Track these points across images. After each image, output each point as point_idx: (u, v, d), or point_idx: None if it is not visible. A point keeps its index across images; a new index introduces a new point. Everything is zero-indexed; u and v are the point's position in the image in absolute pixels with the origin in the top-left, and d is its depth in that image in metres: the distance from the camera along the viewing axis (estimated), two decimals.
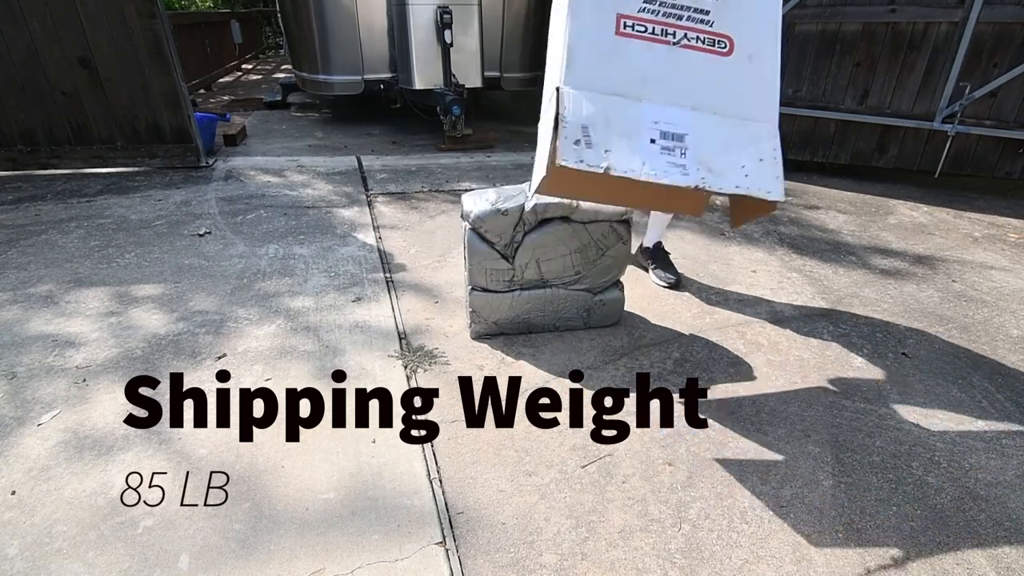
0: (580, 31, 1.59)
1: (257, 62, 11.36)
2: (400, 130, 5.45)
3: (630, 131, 1.61)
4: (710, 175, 1.62)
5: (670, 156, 1.61)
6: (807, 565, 1.32)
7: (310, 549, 1.32)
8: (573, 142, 1.56)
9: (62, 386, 1.84)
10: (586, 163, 1.56)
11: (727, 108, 1.68)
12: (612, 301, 2.19)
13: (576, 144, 1.56)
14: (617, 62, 1.61)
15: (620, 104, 1.62)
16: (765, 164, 1.66)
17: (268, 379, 1.89)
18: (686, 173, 1.61)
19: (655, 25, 1.62)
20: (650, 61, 1.62)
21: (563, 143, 1.55)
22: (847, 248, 3.01)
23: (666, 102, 1.65)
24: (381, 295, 2.43)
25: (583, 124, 1.58)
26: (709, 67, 1.65)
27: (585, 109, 1.60)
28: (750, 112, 1.69)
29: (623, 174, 1.56)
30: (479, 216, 1.94)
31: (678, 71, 1.64)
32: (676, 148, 1.62)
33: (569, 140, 1.56)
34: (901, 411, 1.82)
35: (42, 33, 3.51)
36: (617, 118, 1.61)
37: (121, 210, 3.27)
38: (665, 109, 1.64)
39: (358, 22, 4.85)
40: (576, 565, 1.31)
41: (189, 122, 3.94)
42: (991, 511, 1.47)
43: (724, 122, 1.67)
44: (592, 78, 1.61)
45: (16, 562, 1.28)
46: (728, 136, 1.66)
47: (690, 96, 1.66)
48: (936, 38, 3.57)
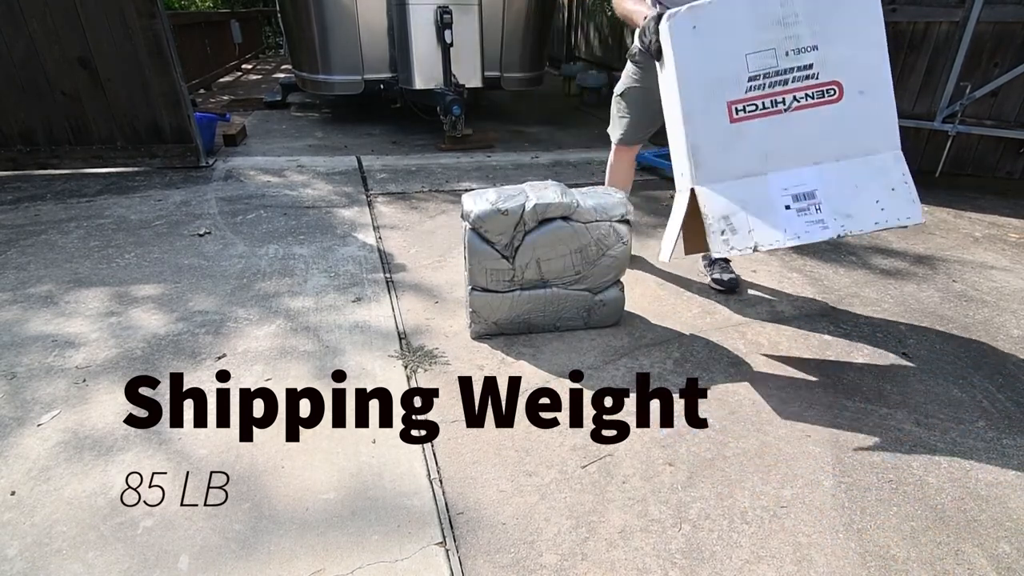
0: (697, 131, 1.67)
1: (257, 62, 11.36)
2: (400, 130, 5.45)
3: (765, 206, 1.70)
4: (849, 220, 1.70)
5: (807, 216, 1.70)
6: (807, 565, 1.32)
7: (310, 549, 1.32)
8: (720, 234, 1.70)
9: (62, 386, 1.84)
10: (736, 248, 1.70)
11: (848, 150, 1.72)
12: (612, 301, 2.19)
13: (723, 235, 1.70)
14: (738, 147, 1.69)
15: (750, 184, 1.70)
16: (898, 192, 1.71)
17: (268, 379, 1.89)
18: (825, 227, 1.70)
19: (764, 99, 1.68)
20: (767, 135, 1.68)
21: (713, 239, 1.69)
22: (847, 248, 3.00)
23: (790, 167, 1.71)
24: (381, 295, 2.43)
25: (723, 215, 1.70)
26: (823, 118, 1.69)
27: (722, 202, 1.70)
28: (871, 145, 1.73)
29: (770, 247, 1.69)
30: (479, 216, 1.94)
31: (795, 134, 1.69)
32: (810, 206, 1.70)
33: (716, 234, 1.69)
34: (901, 411, 1.82)
35: (42, 33, 3.51)
36: (751, 198, 1.70)
37: (121, 210, 3.27)
38: (790, 173, 1.71)
39: (358, 22, 4.85)
40: (576, 565, 1.31)
41: (189, 122, 3.94)
42: (992, 511, 1.47)
43: (848, 165, 1.72)
44: (720, 169, 1.70)
45: (16, 562, 1.28)
46: (855, 177, 1.71)
47: (811, 153, 1.71)
48: (936, 38, 3.57)
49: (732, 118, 1.67)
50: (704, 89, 1.66)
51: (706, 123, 1.68)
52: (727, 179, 1.71)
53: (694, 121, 1.67)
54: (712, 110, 1.67)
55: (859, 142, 1.72)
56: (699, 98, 1.66)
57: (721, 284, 2.52)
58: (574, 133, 5.52)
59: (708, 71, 1.65)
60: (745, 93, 1.66)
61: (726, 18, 1.63)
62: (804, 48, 1.64)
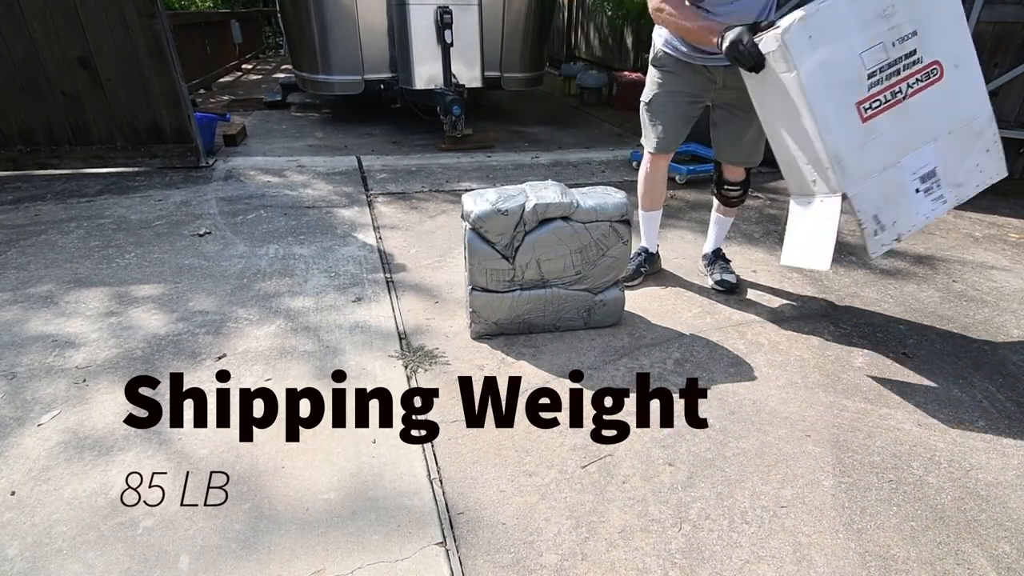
0: (837, 138, 1.72)
1: (257, 62, 11.36)
2: (400, 130, 5.45)
3: (902, 194, 1.79)
4: (959, 190, 1.83)
5: (931, 195, 1.82)
6: (808, 565, 1.32)
7: (310, 549, 1.32)
8: (874, 235, 1.79)
9: (62, 386, 1.84)
10: (886, 245, 1.80)
11: (955, 121, 1.82)
12: (612, 301, 2.19)
13: (876, 235, 1.79)
14: (873, 144, 1.74)
15: (888, 176, 1.78)
16: (991, 153, 1.86)
17: (268, 379, 1.89)
18: (945, 201, 1.82)
19: (885, 93, 1.73)
20: (894, 126, 1.75)
21: (869, 241, 1.79)
22: (847, 248, 3.00)
23: (915, 149, 1.79)
24: (381, 295, 2.43)
25: (873, 215, 1.78)
26: (932, 97, 1.77)
27: (870, 201, 1.78)
28: (971, 112, 1.83)
29: (910, 232, 1.80)
30: (479, 216, 1.94)
31: (914, 118, 1.77)
32: (933, 184, 1.81)
33: (871, 235, 1.79)
34: (901, 411, 1.82)
35: (42, 33, 3.51)
36: (891, 190, 1.78)
37: (121, 210, 3.27)
38: (916, 156, 1.79)
39: (358, 22, 4.85)
40: (576, 565, 1.31)
41: (189, 122, 3.94)
42: (992, 511, 1.47)
43: (956, 136, 1.82)
44: (863, 170, 1.76)
45: (16, 562, 1.28)
46: (962, 145, 1.83)
47: (929, 132, 1.80)
48: None
49: (863, 118, 1.72)
50: (832, 96, 1.70)
51: (843, 129, 1.72)
52: (870, 177, 1.77)
53: (832, 130, 1.71)
54: (845, 115, 1.71)
55: (961, 112, 1.82)
56: (830, 106, 1.70)
57: (722, 285, 2.52)
58: (574, 133, 5.52)
59: (832, 77, 1.68)
60: (868, 91, 1.71)
61: (836, 21, 1.66)
62: (906, 36, 1.70)
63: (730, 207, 2.53)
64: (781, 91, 1.74)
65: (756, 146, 2.30)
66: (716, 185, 2.48)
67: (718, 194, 2.50)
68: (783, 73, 1.70)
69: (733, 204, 2.51)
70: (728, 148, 2.34)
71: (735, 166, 2.38)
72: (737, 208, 2.55)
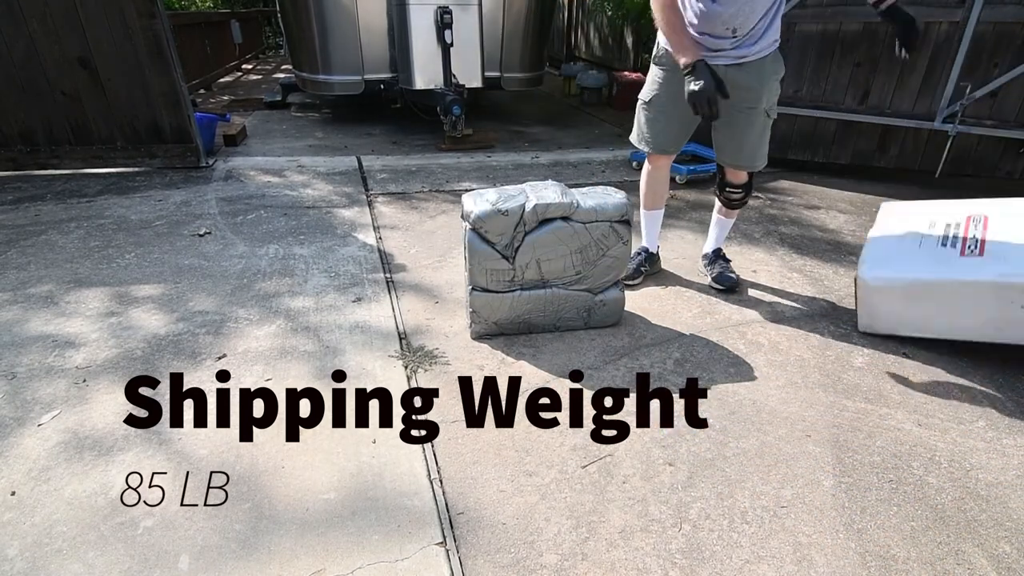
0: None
1: (257, 62, 11.36)
2: (400, 130, 5.45)
3: None
4: None
5: None
6: (808, 565, 1.32)
7: (310, 549, 1.32)
8: None
9: (62, 386, 1.84)
10: None
11: None
12: (612, 301, 2.19)
13: None
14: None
15: None
16: None
17: (268, 379, 1.89)
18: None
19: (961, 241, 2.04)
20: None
21: None
22: (848, 248, 3.00)
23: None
24: (381, 295, 2.43)
25: None
26: None
27: None
28: None
29: None
30: (480, 216, 1.94)
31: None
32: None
33: None
34: (902, 411, 1.82)
35: (42, 33, 3.51)
36: None
37: (121, 210, 3.27)
38: None
39: (358, 22, 4.85)
40: (577, 565, 1.31)
41: (189, 122, 3.94)
42: (992, 511, 1.47)
43: None
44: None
45: (16, 563, 1.28)
46: None
47: None
48: (937, 38, 3.57)
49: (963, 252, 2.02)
50: None
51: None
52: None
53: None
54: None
55: None
56: None
57: (721, 283, 2.52)
58: (574, 133, 5.52)
59: None
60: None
61: None
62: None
63: (732, 209, 2.52)
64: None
65: (758, 149, 2.27)
66: (718, 187, 2.47)
67: (720, 196, 2.49)
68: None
69: (735, 207, 2.50)
70: (728, 150, 2.31)
71: (737, 169, 2.36)
72: (739, 210, 2.54)
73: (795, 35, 3.93)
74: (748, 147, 2.26)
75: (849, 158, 4.10)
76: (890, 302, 2.05)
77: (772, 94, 2.16)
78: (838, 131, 4.05)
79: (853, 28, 3.77)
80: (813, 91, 4.03)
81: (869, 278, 2.05)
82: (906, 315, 2.05)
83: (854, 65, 3.85)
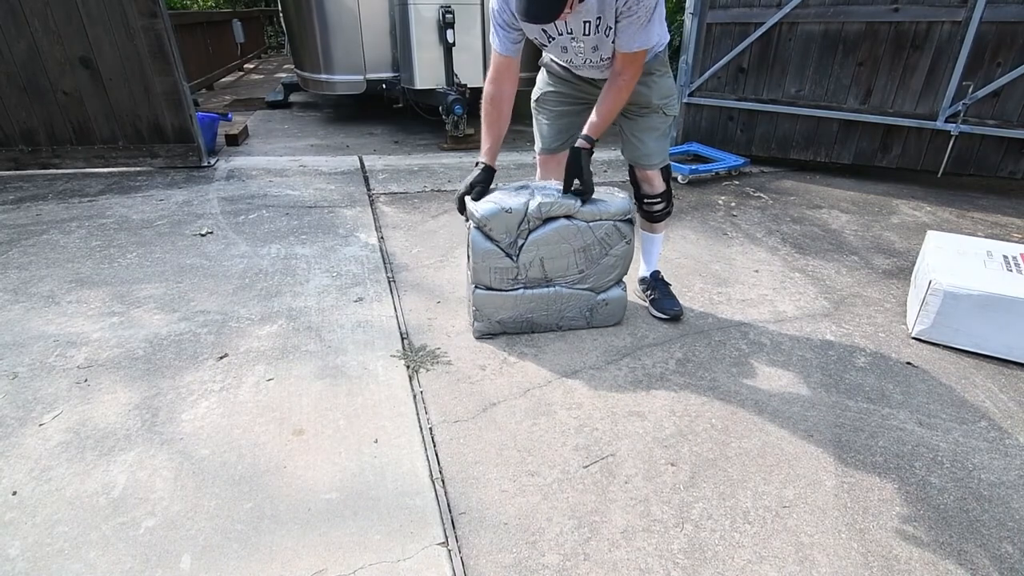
0: None
1: (259, 62, 11.37)
2: (402, 130, 5.45)
3: None
4: None
5: None
6: (810, 565, 1.32)
7: (312, 549, 1.32)
8: None
9: (64, 386, 1.84)
10: None
11: None
12: (615, 300, 2.18)
13: None
14: None
15: None
16: None
17: (270, 379, 1.89)
18: None
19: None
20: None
21: None
22: (850, 248, 3.00)
23: None
24: (383, 295, 2.43)
25: None
26: None
27: None
28: None
29: None
30: (484, 215, 1.94)
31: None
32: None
33: None
34: (904, 411, 1.82)
35: (43, 33, 3.51)
36: None
37: (123, 210, 3.27)
38: None
39: (360, 22, 4.85)
40: (578, 565, 1.31)
41: (191, 122, 3.94)
42: (994, 511, 1.47)
43: None
44: None
45: (17, 562, 1.28)
46: None
47: None
48: (939, 38, 3.56)
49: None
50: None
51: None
52: None
53: None
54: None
55: None
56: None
57: (664, 312, 2.29)
58: None
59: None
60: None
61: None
62: None
63: (655, 222, 2.32)
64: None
65: (657, 145, 2.14)
66: (636, 201, 2.27)
67: (640, 210, 2.30)
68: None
69: (658, 219, 2.30)
70: (628, 146, 2.19)
71: (641, 168, 2.21)
72: (664, 223, 2.34)
73: (797, 34, 3.93)
74: (645, 146, 2.14)
75: (851, 158, 4.09)
76: (961, 312, 2.06)
77: (660, 88, 2.05)
78: (840, 131, 4.04)
79: (855, 27, 3.76)
80: (815, 91, 4.02)
81: (947, 284, 2.07)
82: (971, 327, 2.07)
83: (856, 65, 3.84)
